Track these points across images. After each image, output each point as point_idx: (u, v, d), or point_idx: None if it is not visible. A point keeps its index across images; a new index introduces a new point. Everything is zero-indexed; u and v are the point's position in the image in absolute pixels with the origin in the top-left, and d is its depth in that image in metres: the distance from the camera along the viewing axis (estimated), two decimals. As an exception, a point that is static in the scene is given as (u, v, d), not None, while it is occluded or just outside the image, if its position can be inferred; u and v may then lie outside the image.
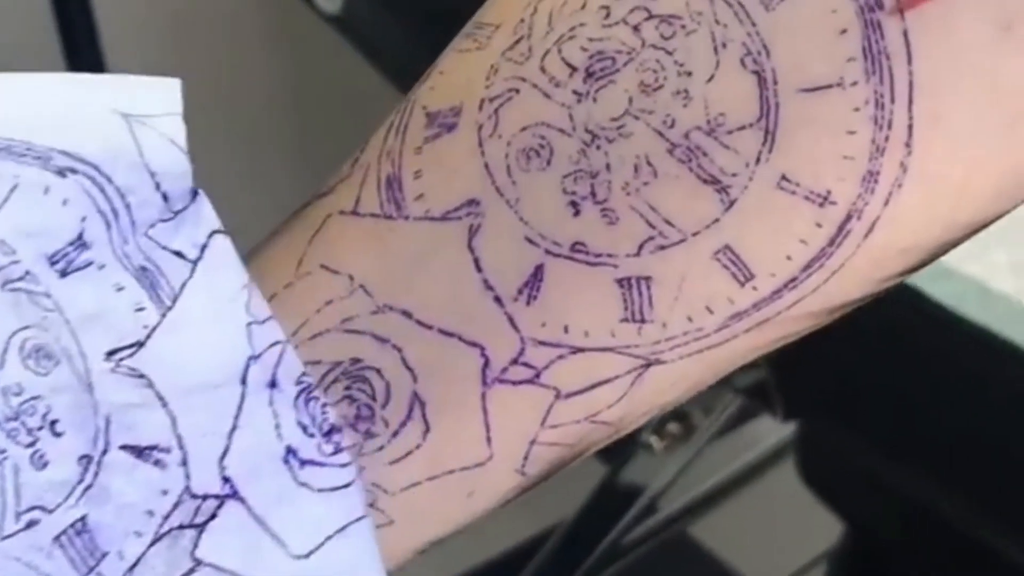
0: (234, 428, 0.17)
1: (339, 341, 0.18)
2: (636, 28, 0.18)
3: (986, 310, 0.50)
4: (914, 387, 0.50)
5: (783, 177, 0.17)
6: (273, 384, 0.18)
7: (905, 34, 0.17)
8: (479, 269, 0.18)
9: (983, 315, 0.49)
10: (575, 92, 0.18)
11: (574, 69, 0.18)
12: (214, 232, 0.18)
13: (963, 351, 0.48)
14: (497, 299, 0.18)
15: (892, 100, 0.17)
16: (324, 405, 0.18)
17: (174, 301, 0.17)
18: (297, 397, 0.18)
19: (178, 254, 0.18)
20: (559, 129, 0.18)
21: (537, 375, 0.18)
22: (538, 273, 0.18)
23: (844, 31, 0.17)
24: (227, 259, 0.18)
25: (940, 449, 0.50)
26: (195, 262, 0.18)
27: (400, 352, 0.18)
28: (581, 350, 0.18)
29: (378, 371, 0.18)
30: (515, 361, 0.18)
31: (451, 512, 0.19)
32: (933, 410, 0.49)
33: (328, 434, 0.18)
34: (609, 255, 0.18)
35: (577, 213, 0.18)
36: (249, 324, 0.18)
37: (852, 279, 0.18)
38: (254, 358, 0.18)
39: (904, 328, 0.48)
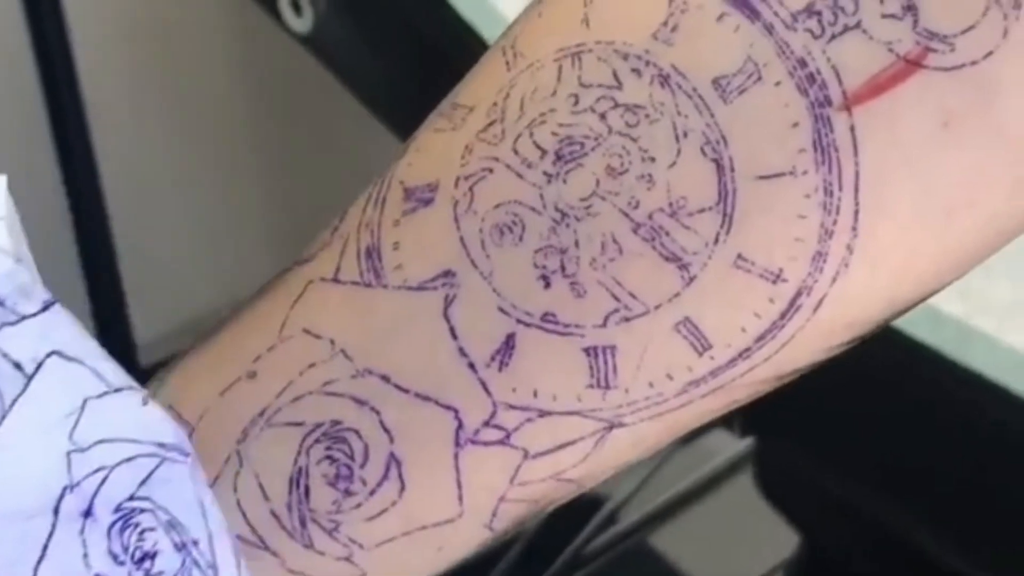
0: (41, 559, 0.17)
1: (320, 403, 0.19)
2: (603, 116, 0.19)
3: (936, 333, 0.51)
4: (866, 407, 0.51)
5: (739, 256, 0.19)
6: (88, 513, 0.18)
7: (852, 129, 0.18)
8: (454, 336, 0.19)
9: (933, 337, 0.51)
10: (546, 173, 0.19)
11: (545, 152, 0.19)
12: (52, 353, 0.18)
13: (913, 373, 0.50)
14: (471, 365, 0.19)
15: (840, 188, 0.18)
16: (142, 532, 0.18)
17: (3, 417, 0.17)
18: (112, 525, 0.18)
19: (16, 365, 0.18)
20: (530, 207, 0.19)
21: (507, 437, 0.19)
22: (510, 341, 0.19)
23: (796, 124, 0.18)
24: (62, 381, 0.18)
25: (891, 467, 0.52)
26: (30, 378, 0.18)
27: (378, 414, 0.19)
28: (549, 413, 0.19)
29: (357, 432, 0.19)
30: (487, 423, 0.19)
31: (421, 565, 0.20)
32: (884, 429, 0.51)
33: (140, 561, 0.18)
34: (577, 325, 0.19)
35: (547, 286, 0.19)
36: (70, 452, 0.18)
37: (801, 349, 0.19)
38: (71, 487, 0.18)
39: (856, 349, 0.49)
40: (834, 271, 0.19)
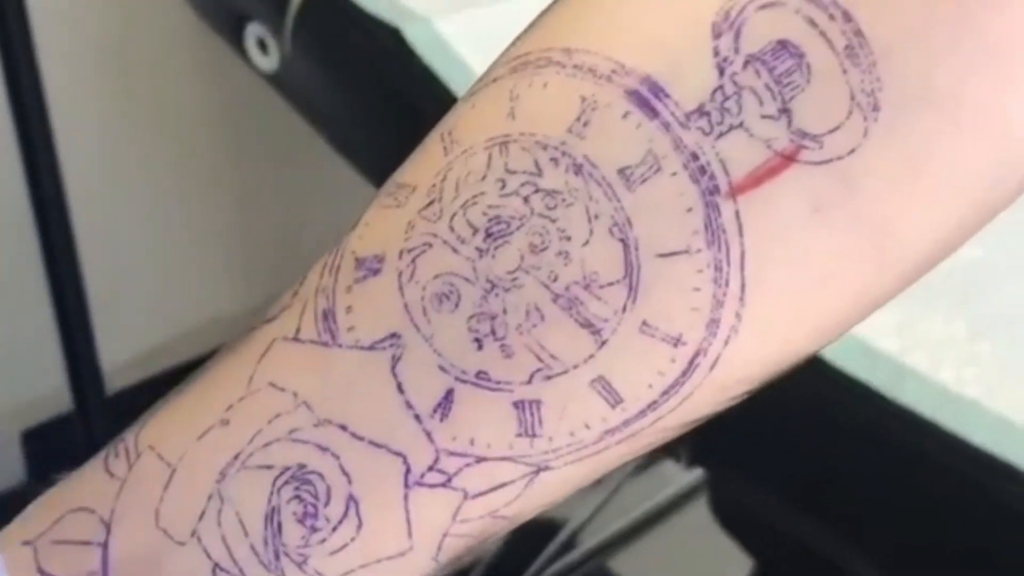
0: None
1: (288, 449, 0.23)
2: (526, 199, 0.22)
3: (871, 368, 0.55)
4: (803, 439, 0.54)
5: (644, 323, 0.22)
6: None
7: (737, 214, 0.22)
8: (401, 391, 0.22)
9: (868, 374, 0.54)
10: (478, 248, 0.22)
11: (477, 229, 0.22)
12: None
13: (849, 408, 0.53)
14: (416, 417, 0.22)
15: (728, 264, 0.22)
16: None
17: None
18: None
19: None
20: (465, 278, 0.22)
21: (449, 480, 0.22)
22: (449, 396, 0.22)
23: (690, 209, 0.22)
24: None
25: (829, 498, 0.55)
26: None
27: (338, 459, 0.22)
28: (485, 459, 0.22)
29: (320, 475, 0.22)
30: (431, 468, 0.22)
31: None
32: (821, 461, 0.54)
33: None
34: (506, 382, 0.22)
35: (480, 347, 0.22)
36: None
37: (701, 402, 0.22)
38: None
39: (794, 384, 0.52)
40: (726, 335, 0.22)
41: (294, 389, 0.23)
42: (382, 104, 0.68)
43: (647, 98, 0.22)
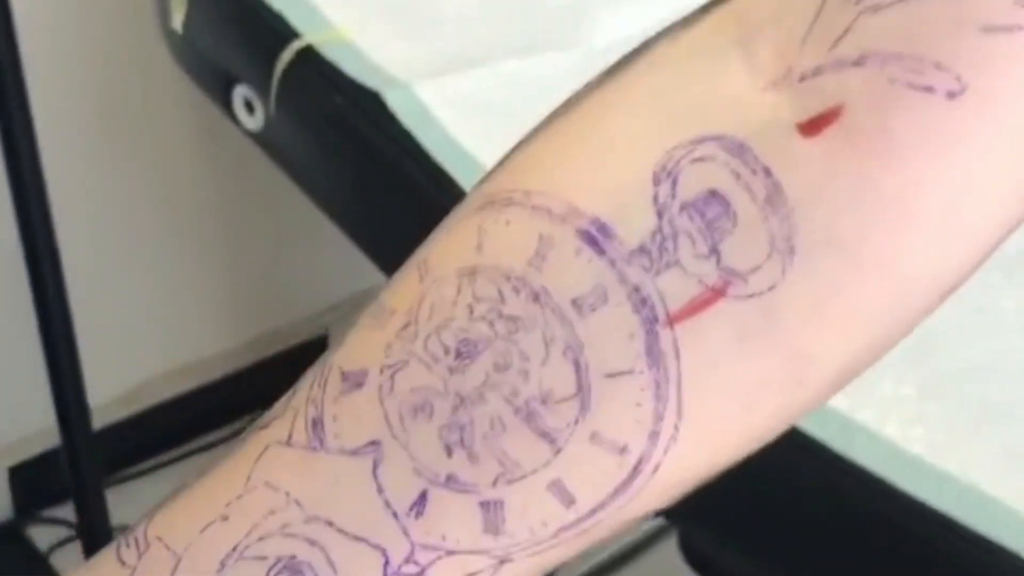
0: None
1: (281, 542, 0.26)
2: (491, 323, 0.25)
3: (822, 424, 0.58)
4: (756, 491, 0.58)
5: (594, 434, 0.25)
6: None
7: (674, 340, 0.25)
8: (381, 492, 0.25)
9: (818, 430, 0.57)
10: (448, 367, 0.25)
11: (448, 349, 0.26)
12: None
13: (799, 464, 0.56)
14: (394, 515, 0.25)
15: (667, 383, 0.25)
16: None
17: None
18: None
19: None
20: (437, 392, 0.25)
21: (423, 571, 0.25)
22: (424, 496, 0.25)
23: (633, 335, 0.25)
24: None
25: (781, 551, 0.58)
26: None
27: (325, 552, 0.25)
28: (454, 553, 0.25)
29: (310, 565, 0.25)
30: (407, 560, 0.25)
31: None
32: (773, 511, 0.58)
33: None
34: (473, 485, 0.25)
35: (450, 454, 0.25)
36: None
37: (645, 502, 0.26)
38: None
39: None
40: (665, 445, 0.25)
41: (286, 489, 0.26)
42: (363, 166, 0.71)
43: (596, 237, 0.25)
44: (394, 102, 0.70)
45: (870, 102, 0.24)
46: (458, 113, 0.70)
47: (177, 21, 0.79)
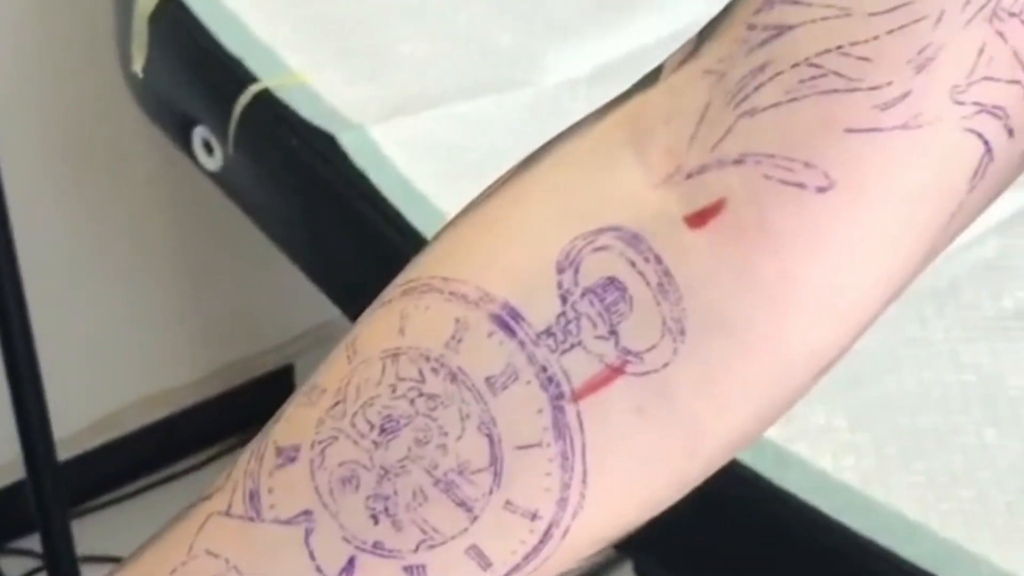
0: None
1: None
2: (412, 401, 0.28)
3: (758, 455, 0.60)
4: (694, 519, 0.60)
5: (507, 502, 0.27)
6: None
7: (578, 414, 0.27)
8: (313, 558, 0.27)
9: (755, 460, 0.60)
10: (374, 442, 0.28)
11: (373, 426, 0.28)
12: None
13: (735, 493, 0.59)
14: None
15: (573, 455, 0.27)
16: None
17: None
18: None
19: None
20: (363, 466, 0.27)
21: None
22: (352, 562, 0.27)
23: (541, 411, 0.27)
24: None
25: (721, 571, 0.61)
26: None
27: None
28: None
29: None
30: None
31: None
32: (711, 538, 0.60)
33: None
34: (398, 551, 0.27)
35: (376, 522, 0.27)
36: None
37: (556, 563, 0.28)
38: None
39: None
40: (573, 511, 0.27)
41: (226, 556, 0.28)
42: (318, 205, 0.73)
43: (507, 321, 0.27)
44: (348, 144, 0.72)
45: (749, 197, 0.26)
46: (410, 154, 0.73)
47: (138, 65, 0.81)
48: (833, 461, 0.60)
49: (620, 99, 0.29)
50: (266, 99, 0.74)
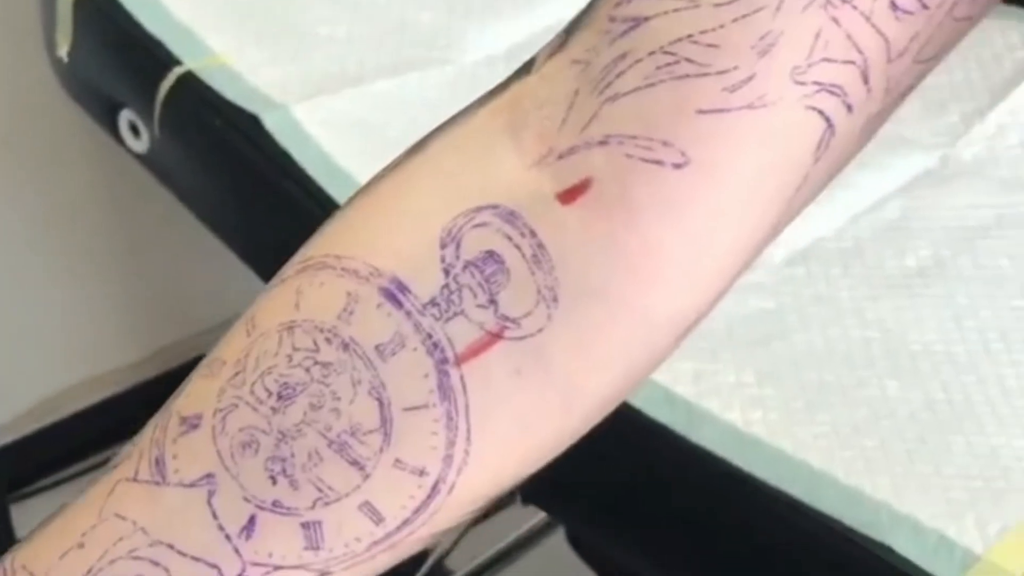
0: None
1: (128, 565, 0.29)
2: (307, 369, 0.29)
3: (671, 411, 0.62)
4: (613, 478, 0.62)
5: (397, 460, 0.29)
6: None
7: (462, 377, 0.29)
8: (215, 518, 0.29)
9: (667, 416, 0.62)
10: (272, 408, 0.29)
11: (271, 393, 0.29)
12: None
13: (651, 449, 0.61)
14: (227, 537, 0.29)
15: (457, 415, 0.29)
16: None
17: None
18: None
19: None
20: (262, 430, 0.29)
21: None
22: (252, 520, 0.29)
23: (427, 375, 0.29)
24: None
25: (649, 533, 0.63)
26: None
27: (168, 572, 0.29)
28: (280, 567, 0.29)
29: None
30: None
31: None
32: (628, 494, 0.62)
33: None
34: (295, 509, 0.29)
35: (275, 483, 0.29)
36: None
37: (445, 517, 0.30)
38: None
39: (604, 430, 0.59)
40: (458, 467, 0.29)
41: (133, 518, 0.30)
42: (243, 185, 0.74)
43: (394, 293, 0.29)
44: (271, 123, 0.73)
45: (613, 175, 0.28)
46: (333, 132, 0.74)
47: (63, 50, 0.81)
48: (742, 415, 0.62)
49: (498, 89, 0.31)
50: (189, 81, 0.75)
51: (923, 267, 0.73)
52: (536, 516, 0.90)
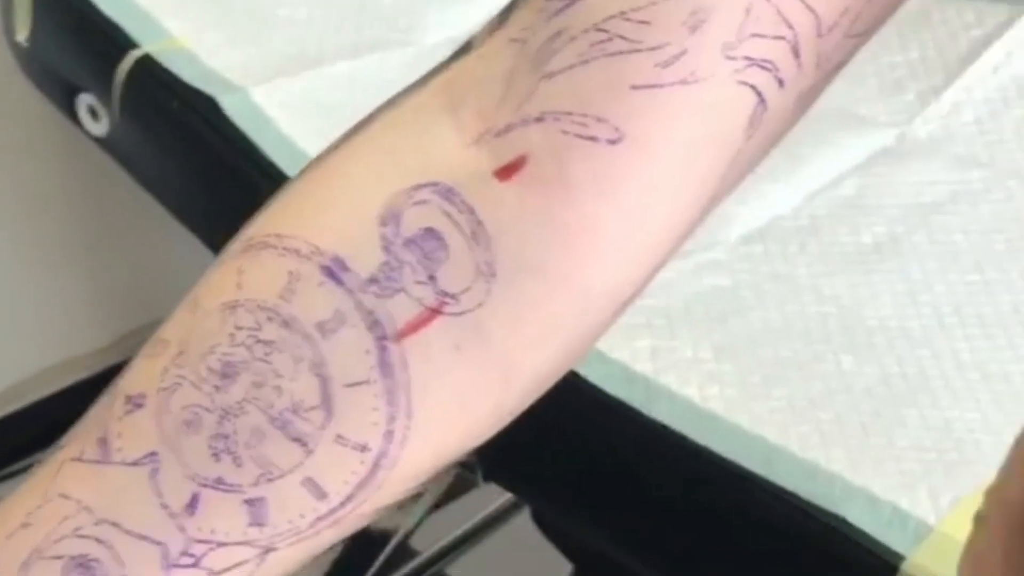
0: None
1: (73, 543, 0.29)
2: (250, 348, 0.29)
3: (630, 388, 0.63)
4: (574, 455, 0.63)
5: (338, 436, 0.29)
6: None
7: (402, 353, 0.29)
8: (159, 496, 0.29)
9: (627, 393, 0.62)
10: (215, 386, 0.29)
11: (213, 372, 0.29)
12: None
13: (607, 422, 0.61)
14: (171, 515, 0.29)
15: (398, 390, 0.29)
16: None
17: None
18: None
19: None
20: (205, 408, 0.29)
21: (197, 561, 0.29)
22: (196, 498, 0.29)
23: (368, 351, 0.29)
24: None
25: (609, 508, 0.63)
26: None
27: (112, 549, 0.29)
28: (224, 544, 0.29)
29: (99, 561, 0.29)
30: (183, 553, 0.29)
31: None
32: (587, 474, 0.63)
33: None
34: (238, 486, 0.29)
35: (218, 460, 0.29)
36: None
37: (386, 492, 0.30)
38: None
39: (564, 408, 0.60)
40: (400, 442, 0.29)
41: (78, 498, 0.30)
42: (202, 168, 0.74)
43: (335, 271, 0.29)
44: (230, 106, 0.73)
45: (549, 151, 0.29)
46: (292, 114, 0.74)
47: (22, 35, 0.80)
48: (699, 391, 0.63)
49: (439, 68, 0.32)
50: (148, 64, 0.75)
51: (879, 243, 0.74)
52: (501, 497, 0.90)
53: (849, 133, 0.79)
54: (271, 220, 0.31)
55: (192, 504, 0.29)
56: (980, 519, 0.30)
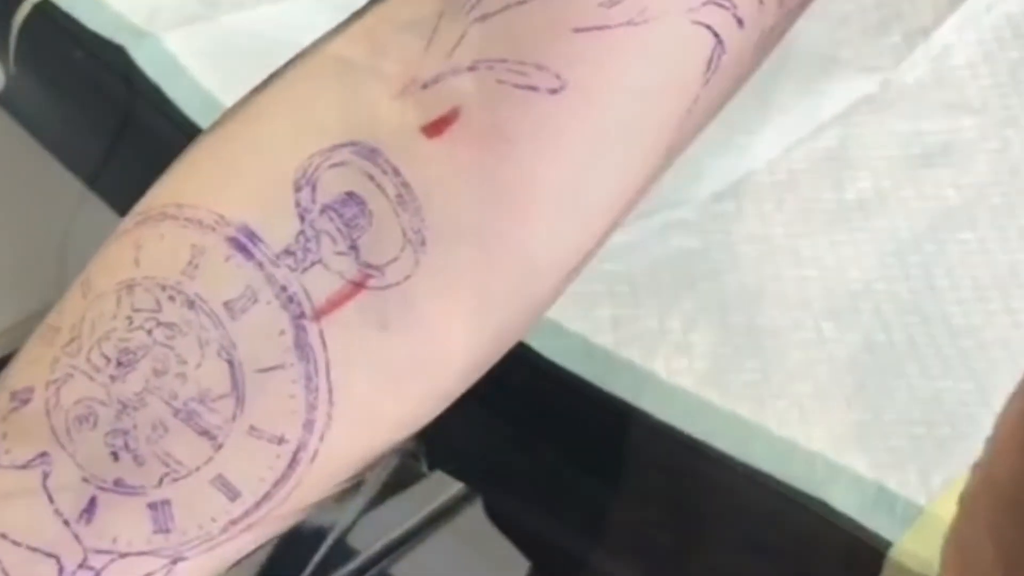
0: None
1: None
2: (149, 331, 0.29)
3: (589, 363, 0.62)
4: (525, 437, 0.62)
5: (251, 427, 0.28)
6: None
7: (321, 332, 0.28)
8: (51, 501, 0.29)
9: (585, 368, 0.62)
10: (111, 376, 0.29)
11: (109, 360, 0.29)
12: None
13: (564, 398, 0.61)
14: (65, 522, 0.28)
15: (317, 374, 0.28)
16: None
17: None
18: None
19: None
20: (101, 401, 0.29)
21: (97, 575, 0.29)
22: (93, 502, 0.29)
23: (283, 332, 0.28)
24: None
25: (567, 495, 0.63)
26: None
27: (1, 564, 0.28)
28: (127, 555, 0.29)
29: None
30: (81, 566, 0.28)
31: None
32: (550, 462, 0.62)
33: None
34: (140, 487, 0.28)
35: (116, 459, 0.28)
36: None
37: (309, 490, 0.29)
38: None
39: (516, 384, 0.59)
40: (320, 432, 0.29)
41: None
42: (109, 125, 0.73)
43: (244, 243, 0.28)
44: (140, 55, 0.71)
45: (482, 103, 0.28)
46: (211, 63, 0.72)
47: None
48: (666, 364, 0.62)
49: (358, 13, 0.31)
50: (47, 10, 0.73)
51: (863, 200, 0.74)
52: (450, 488, 0.90)
53: (829, 79, 0.79)
54: (171, 188, 0.30)
55: (89, 510, 0.28)
56: (965, 499, 0.29)
